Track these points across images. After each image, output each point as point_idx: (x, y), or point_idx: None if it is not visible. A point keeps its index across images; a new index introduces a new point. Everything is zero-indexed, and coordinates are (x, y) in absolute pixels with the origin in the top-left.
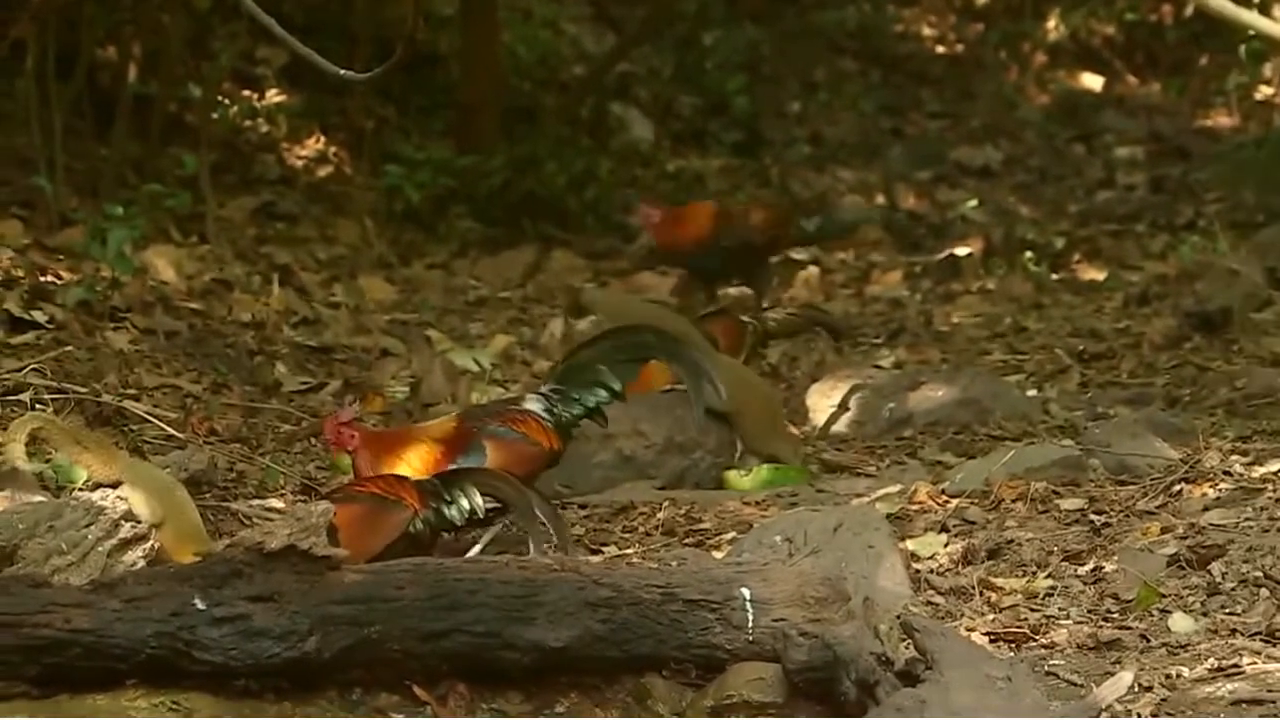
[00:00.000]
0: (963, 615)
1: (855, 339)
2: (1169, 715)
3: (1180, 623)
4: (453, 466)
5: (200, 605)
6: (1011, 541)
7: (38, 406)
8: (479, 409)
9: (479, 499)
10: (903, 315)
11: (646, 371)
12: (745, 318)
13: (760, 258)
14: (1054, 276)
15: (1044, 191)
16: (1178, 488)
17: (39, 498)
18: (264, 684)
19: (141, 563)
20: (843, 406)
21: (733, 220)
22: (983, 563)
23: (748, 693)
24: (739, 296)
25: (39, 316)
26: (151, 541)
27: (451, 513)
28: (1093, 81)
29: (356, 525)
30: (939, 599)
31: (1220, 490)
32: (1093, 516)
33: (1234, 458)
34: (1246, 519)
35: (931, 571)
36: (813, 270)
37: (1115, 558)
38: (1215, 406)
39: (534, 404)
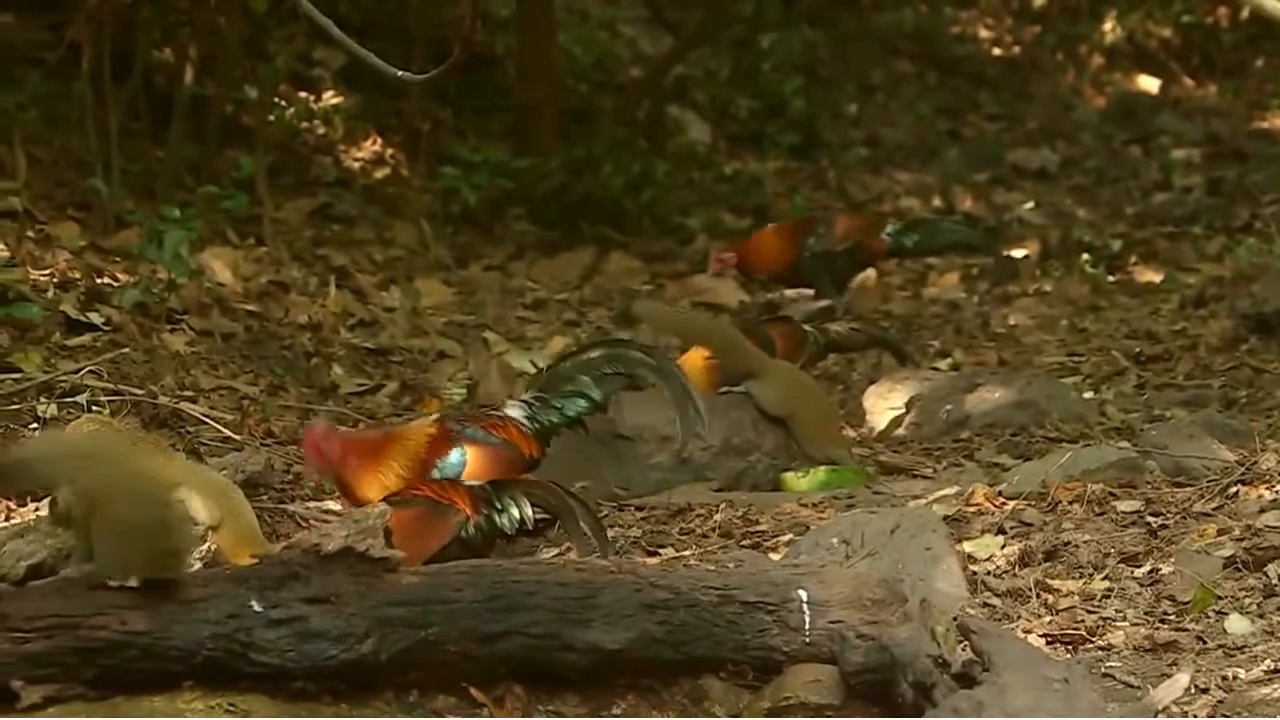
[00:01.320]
0: (1019, 617)
1: (917, 361)
2: (1225, 717)
3: (1237, 624)
4: (435, 470)
5: (257, 607)
6: (1068, 543)
7: (94, 409)
8: (459, 412)
9: (529, 509)
10: (960, 317)
11: (699, 370)
12: (808, 327)
13: (845, 264)
14: (1111, 278)
15: (1101, 194)
16: (1234, 489)
17: None
18: (321, 686)
19: (198, 565)
20: (907, 408)
21: (809, 230)
22: (1039, 565)
23: (805, 694)
24: (799, 298)
25: (96, 318)
26: (208, 544)
27: (503, 520)
28: (1149, 84)
29: (409, 528)
30: (996, 601)
31: (1277, 492)
32: (1149, 518)
33: None
34: None
35: (988, 573)
36: (870, 273)
37: (1172, 559)
38: (1272, 408)
39: (515, 410)
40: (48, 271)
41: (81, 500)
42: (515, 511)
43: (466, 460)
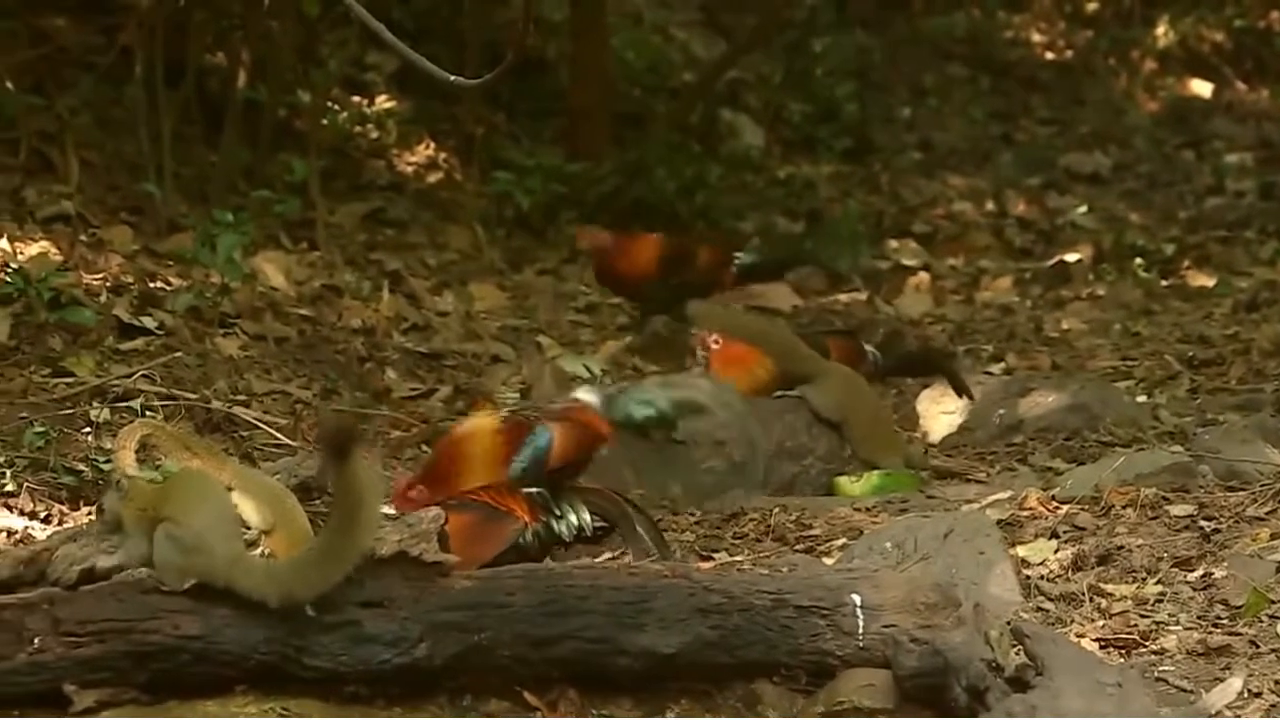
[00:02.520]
0: (1073, 621)
1: (972, 394)
2: None
3: None
4: (525, 451)
5: (310, 611)
6: (1121, 548)
7: (147, 413)
8: (524, 405)
9: (587, 516)
10: (1013, 321)
11: (747, 372)
12: (868, 346)
13: (698, 296)
14: (1163, 283)
15: (1153, 198)
16: None
17: None
18: (374, 690)
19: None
20: (963, 424)
21: (681, 257)
22: (1093, 569)
23: (858, 699)
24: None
25: (148, 323)
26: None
27: (560, 527)
28: (1202, 88)
29: (466, 534)
30: (1049, 605)
31: None
32: (1202, 523)
33: None
34: None
35: (1042, 578)
36: (923, 276)
37: (1225, 564)
38: None
39: (589, 395)
40: (100, 276)
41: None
42: (573, 518)
43: (554, 437)
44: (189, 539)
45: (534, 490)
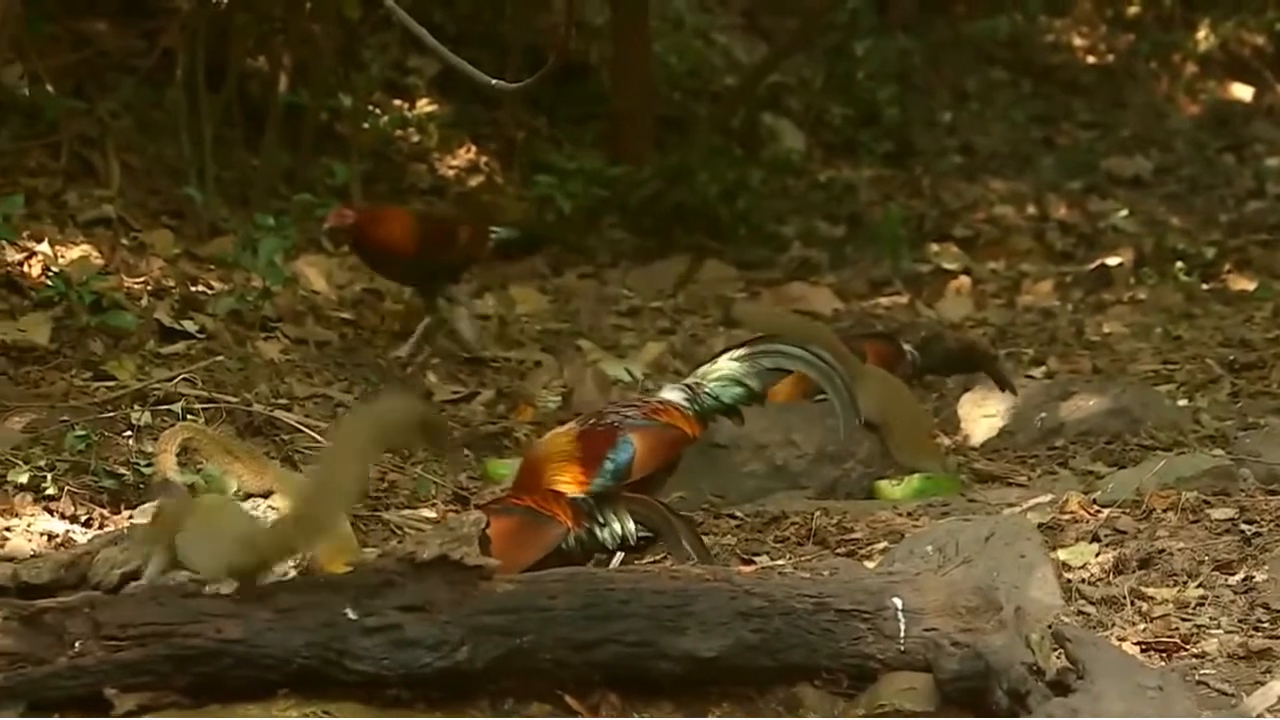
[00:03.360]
0: (1114, 625)
1: (1015, 389)
2: None
3: None
4: (607, 465)
5: (352, 615)
6: (1162, 551)
7: (188, 416)
8: (614, 403)
9: (631, 524)
10: (1054, 325)
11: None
12: (907, 346)
13: (454, 273)
14: (1205, 286)
15: (1194, 201)
16: None
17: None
18: (416, 694)
19: (292, 573)
20: (1004, 427)
21: (440, 233)
22: (1134, 572)
23: (899, 702)
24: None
25: (190, 326)
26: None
27: (604, 535)
28: (1243, 91)
29: (509, 538)
30: (1090, 609)
31: None
32: (1243, 526)
33: None
34: None
35: (1083, 581)
36: (964, 280)
37: (1266, 567)
38: None
39: (673, 393)
40: (142, 279)
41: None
42: (617, 526)
43: (635, 448)
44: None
45: (578, 496)
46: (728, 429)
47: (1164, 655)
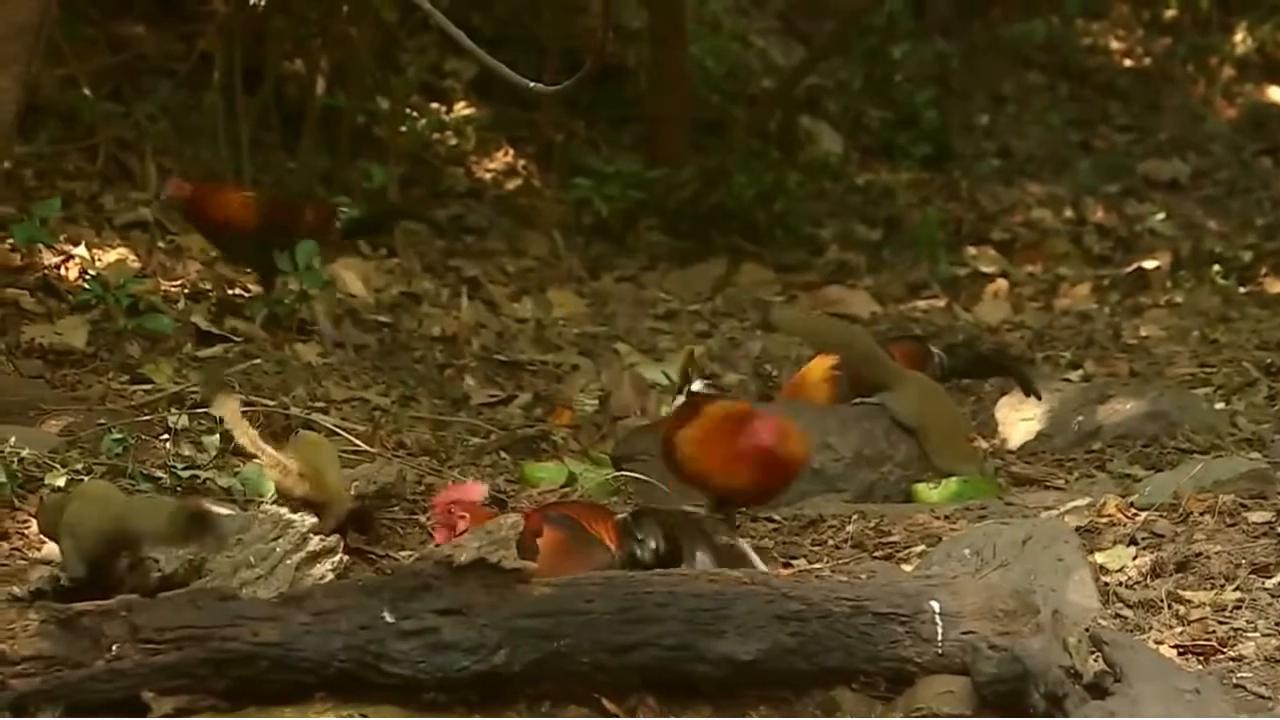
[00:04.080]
0: (1151, 628)
1: (1039, 394)
2: None
3: None
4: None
5: (389, 618)
6: (1200, 554)
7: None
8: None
9: (664, 541)
10: (1091, 328)
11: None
12: (935, 349)
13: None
14: (1242, 290)
15: (1231, 205)
16: None
17: (227, 510)
18: (452, 697)
19: (330, 576)
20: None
21: (283, 213)
22: (1171, 575)
23: (937, 705)
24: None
25: (227, 329)
26: (340, 556)
27: (642, 553)
28: None
29: (556, 553)
30: (1127, 612)
31: None
32: None
33: None
34: None
35: (1120, 584)
36: (1002, 284)
37: None
38: None
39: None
40: (179, 282)
41: None
42: (653, 543)
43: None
44: None
45: (621, 516)
46: None
47: (1201, 658)
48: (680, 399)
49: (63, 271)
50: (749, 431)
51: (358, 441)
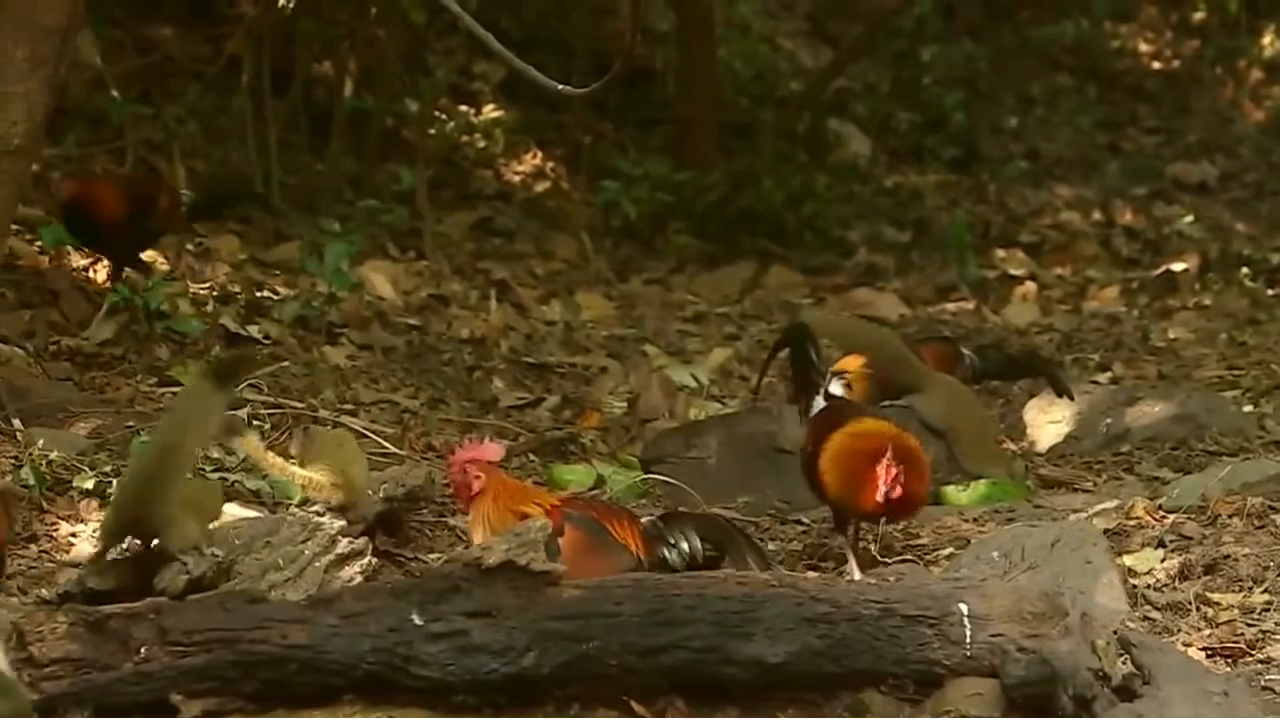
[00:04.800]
0: (1179, 630)
1: (1072, 394)
2: None
3: None
4: None
5: (418, 621)
6: (1228, 557)
7: (254, 422)
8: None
9: (699, 543)
10: (1120, 331)
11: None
12: (966, 350)
13: (157, 237)
14: (1270, 292)
15: (1260, 207)
16: None
17: (256, 513)
18: (481, 700)
19: (358, 578)
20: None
21: (146, 199)
22: (1199, 578)
23: (966, 708)
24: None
25: (255, 332)
26: (368, 559)
27: (673, 557)
28: None
29: (578, 555)
30: (1156, 614)
31: None
32: None
33: None
34: None
35: (1148, 587)
36: (1030, 286)
37: None
38: None
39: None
40: (207, 285)
41: None
42: (685, 546)
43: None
44: None
45: (649, 519)
46: (792, 433)
47: (1229, 660)
48: (819, 402)
49: (91, 274)
50: (876, 475)
51: (386, 444)
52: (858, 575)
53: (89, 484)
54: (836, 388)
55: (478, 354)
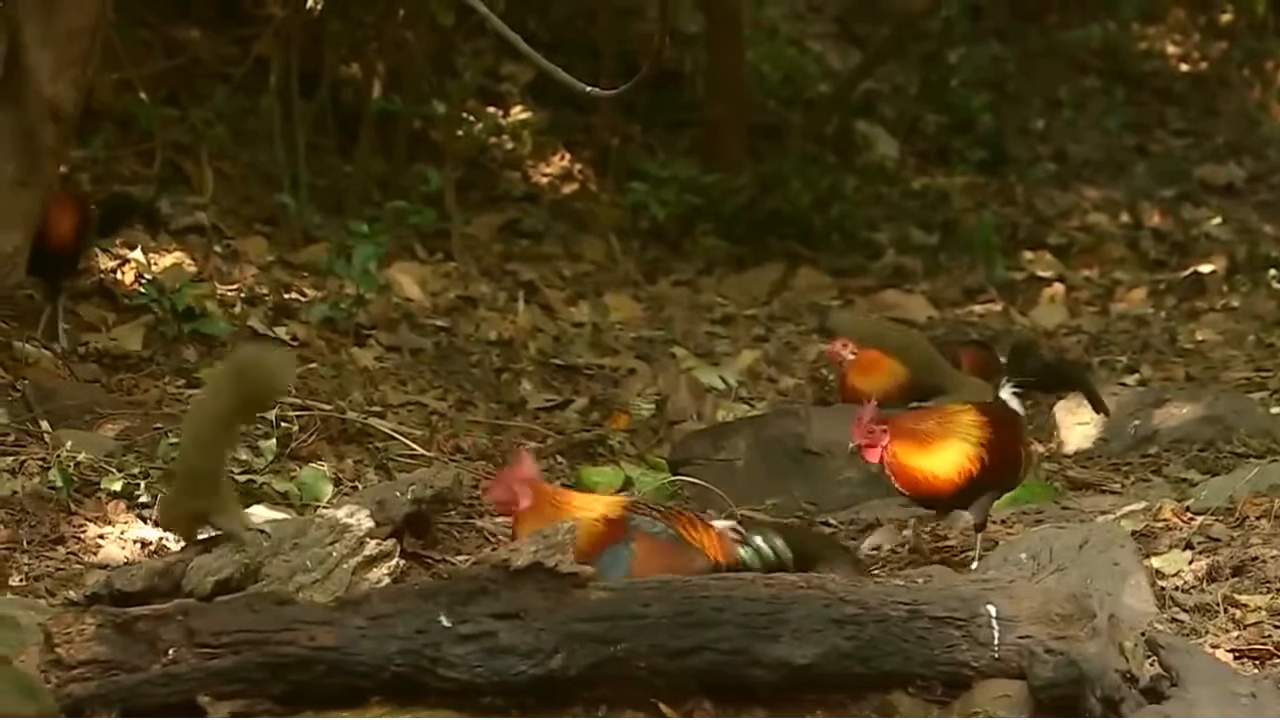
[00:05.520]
0: (1207, 632)
1: (1108, 410)
2: None
3: None
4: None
5: (446, 622)
6: (1256, 558)
7: (281, 424)
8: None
9: (780, 541)
10: (1147, 333)
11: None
12: (1004, 358)
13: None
14: None
15: None
16: None
17: (284, 515)
18: (509, 701)
19: (386, 580)
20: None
21: (87, 218)
22: (1227, 580)
23: (993, 709)
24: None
25: (283, 333)
26: (396, 560)
27: (750, 557)
28: None
29: (651, 561)
30: (1183, 616)
31: None
32: None
33: None
34: None
35: (1176, 589)
36: (1058, 288)
37: None
38: None
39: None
40: (235, 286)
41: None
42: (768, 550)
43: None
44: None
45: (727, 523)
46: (820, 435)
47: (1257, 663)
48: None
49: (119, 276)
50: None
51: (415, 446)
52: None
53: (116, 486)
54: (1006, 394)
55: (506, 356)
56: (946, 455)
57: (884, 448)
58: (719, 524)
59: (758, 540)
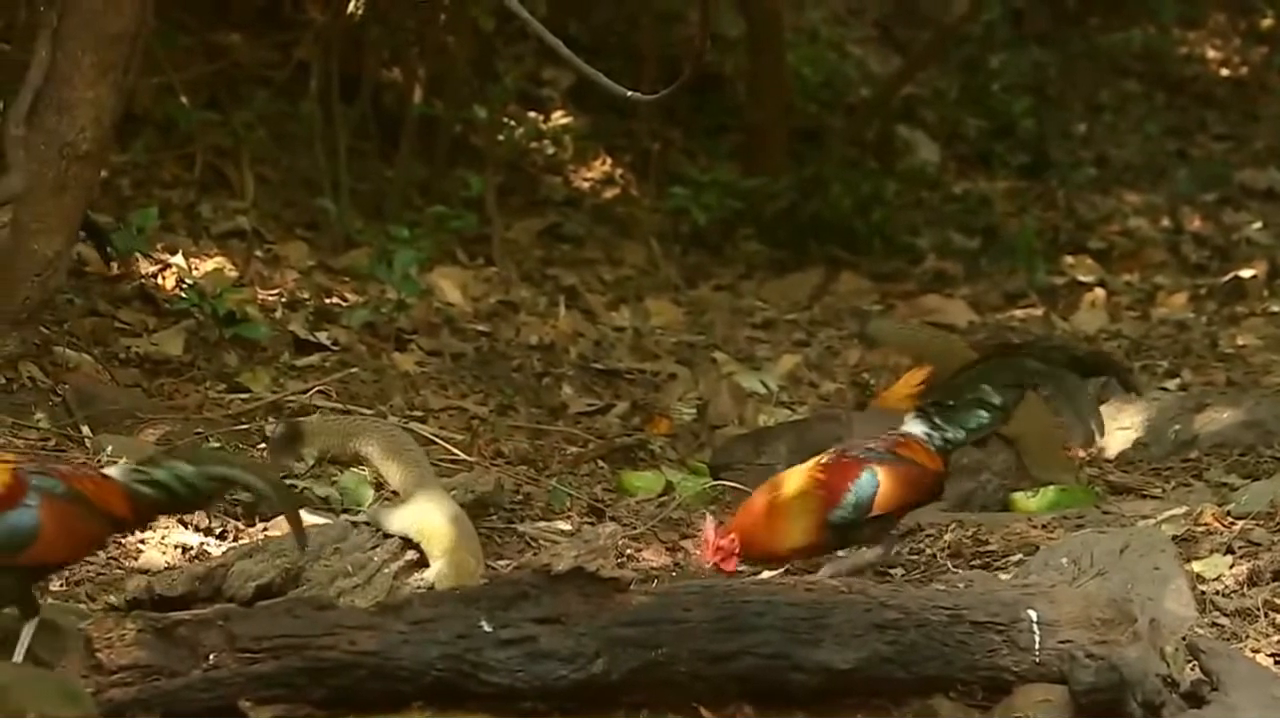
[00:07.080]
0: (1248, 636)
1: (1140, 390)
2: None
3: None
4: (848, 498)
5: (487, 627)
6: None
7: None
8: (856, 443)
9: (189, 468)
10: (1188, 337)
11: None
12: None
13: None
14: None
15: None
16: None
17: (325, 519)
18: (550, 706)
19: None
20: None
21: None
22: (1268, 584)
23: (1034, 714)
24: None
25: (324, 338)
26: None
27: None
28: None
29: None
30: (1224, 620)
31: None
32: None
33: None
34: None
35: (1217, 593)
36: (1099, 292)
37: None
38: None
39: (914, 426)
40: (276, 291)
41: None
42: (176, 483)
43: (879, 482)
44: None
45: (124, 466)
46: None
47: None
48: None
49: (160, 280)
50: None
51: (456, 450)
52: None
53: None
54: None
55: (547, 360)
56: (789, 521)
57: (737, 555)
58: (113, 471)
59: (161, 474)
